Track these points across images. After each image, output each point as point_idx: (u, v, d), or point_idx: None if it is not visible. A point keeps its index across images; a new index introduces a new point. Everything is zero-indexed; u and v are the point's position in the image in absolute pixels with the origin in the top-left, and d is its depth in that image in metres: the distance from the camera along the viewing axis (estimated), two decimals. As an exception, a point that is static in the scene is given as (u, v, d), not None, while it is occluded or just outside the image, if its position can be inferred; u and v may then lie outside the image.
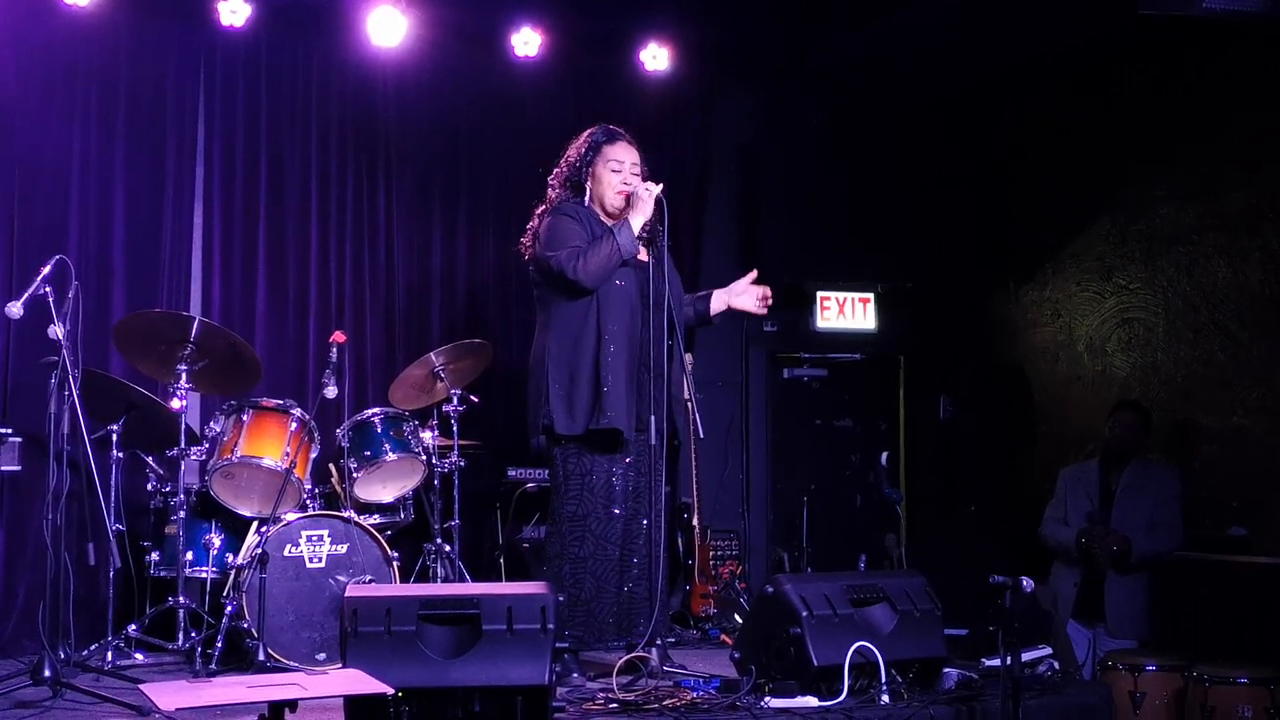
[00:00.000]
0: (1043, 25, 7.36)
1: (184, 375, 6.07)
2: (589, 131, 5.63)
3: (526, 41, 7.69)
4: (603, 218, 5.49)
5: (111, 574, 5.89)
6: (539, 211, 5.59)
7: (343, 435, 6.53)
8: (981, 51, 7.86)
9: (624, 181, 5.48)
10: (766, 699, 4.67)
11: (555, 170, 5.66)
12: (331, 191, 7.60)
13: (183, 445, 6.13)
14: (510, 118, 7.94)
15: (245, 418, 6.22)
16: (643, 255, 5.42)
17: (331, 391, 6.04)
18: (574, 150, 5.61)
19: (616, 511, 5.38)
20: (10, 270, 6.75)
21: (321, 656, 5.79)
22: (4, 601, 6.57)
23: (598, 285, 5.32)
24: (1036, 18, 7.25)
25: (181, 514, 6.11)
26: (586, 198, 5.52)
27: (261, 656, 5.58)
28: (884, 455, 8.35)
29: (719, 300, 5.78)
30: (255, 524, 6.22)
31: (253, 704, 3.80)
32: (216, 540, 6.27)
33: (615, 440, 5.32)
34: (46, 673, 4.92)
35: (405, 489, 6.66)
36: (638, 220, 5.35)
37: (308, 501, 6.27)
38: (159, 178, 7.19)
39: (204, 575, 6.23)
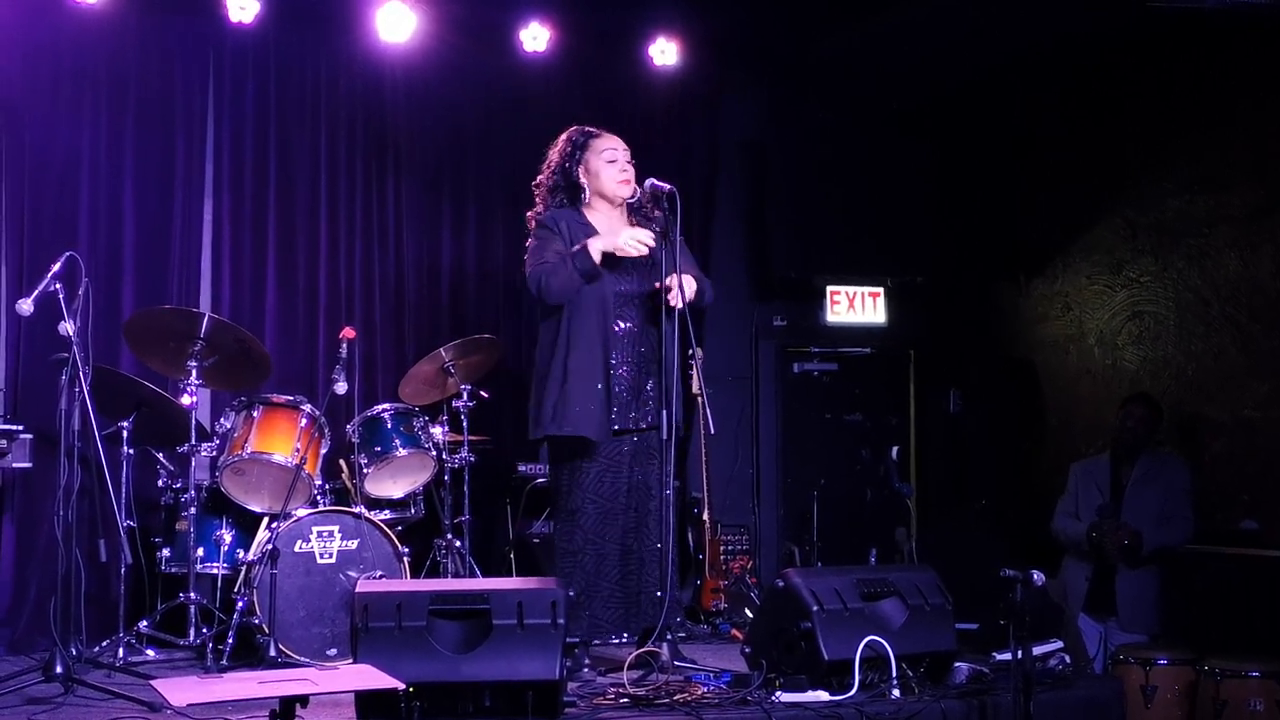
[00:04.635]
0: (1050, 18, 7.35)
1: (194, 371, 6.09)
2: (568, 132, 5.61)
3: (535, 37, 7.67)
4: (596, 212, 5.51)
5: (123, 570, 5.91)
6: (533, 227, 5.60)
7: (353, 431, 6.54)
8: (989, 45, 7.86)
9: (622, 170, 5.48)
10: (777, 693, 4.68)
11: (538, 179, 5.64)
12: (340, 187, 7.60)
13: (193, 441, 6.14)
14: (519, 113, 7.92)
15: (255, 414, 6.23)
16: (643, 252, 5.41)
17: (341, 387, 6.05)
18: (556, 153, 5.59)
19: (608, 506, 5.39)
20: (21, 267, 6.77)
21: (332, 652, 5.80)
22: (16, 598, 6.59)
23: (563, 302, 5.35)
24: (1044, 11, 7.24)
25: (192, 510, 6.13)
26: (585, 196, 5.52)
27: (273, 652, 5.59)
28: (894, 449, 8.35)
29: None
30: (266, 520, 6.23)
31: (264, 699, 3.81)
32: (227, 536, 6.28)
33: (588, 442, 5.33)
34: (58, 669, 4.94)
35: (415, 484, 6.67)
36: (597, 245, 5.29)
37: (318, 497, 6.28)
38: (168, 175, 7.19)
39: (215, 571, 6.24)
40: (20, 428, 5.95)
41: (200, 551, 6.19)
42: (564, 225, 5.43)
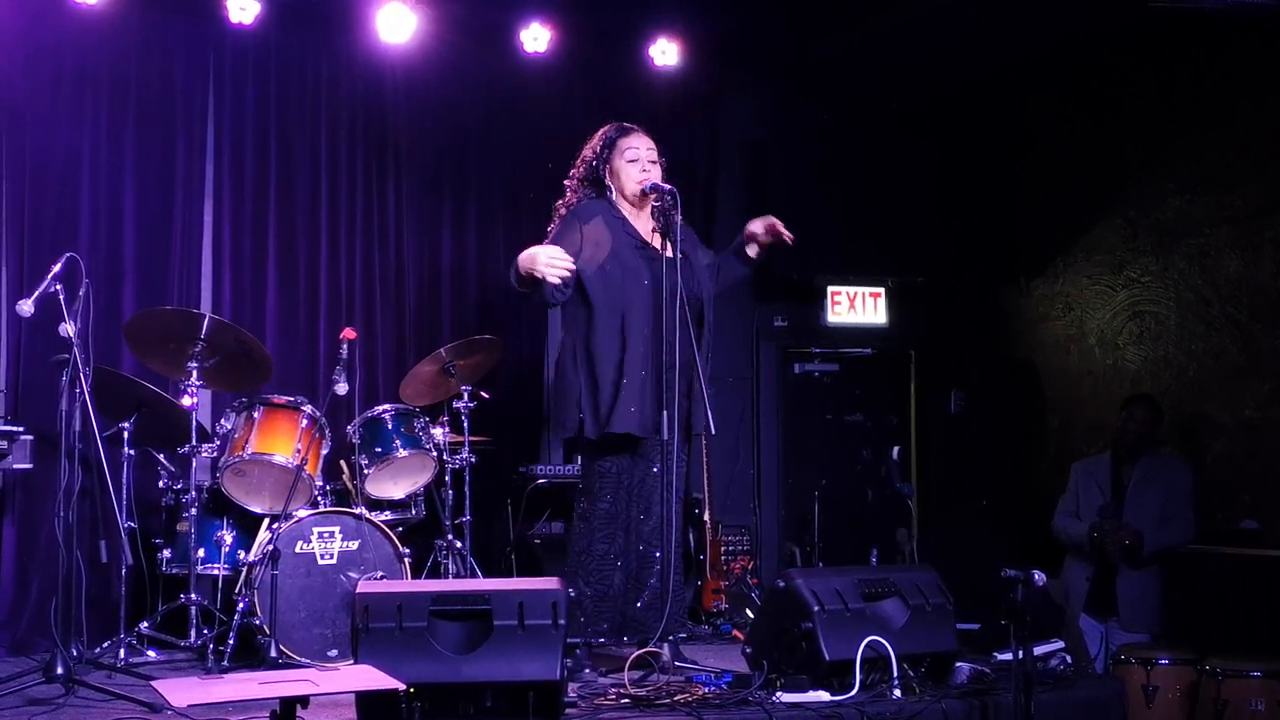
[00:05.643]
0: (1050, 18, 7.35)
1: (195, 372, 6.09)
2: (603, 129, 5.63)
3: (536, 37, 7.67)
4: (625, 210, 5.51)
5: (123, 571, 5.92)
6: (561, 215, 5.59)
7: (354, 432, 6.54)
8: (989, 45, 7.86)
9: (642, 170, 5.48)
10: (778, 694, 4.67)
11: (572, 170, 5.66)
12: (341, 188, 7.60)
13: (194, 442, 6.14)
14: (520, 114, 7.93)
15: (256, 415, 6.23)
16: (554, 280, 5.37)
17: (342, 388, 6.04)
18: (589, 149, 5.61)
19: (643, 507, 5.40)
20: (21, 268, 6.77)
21: (333, 653, 5.80)
22: (16, 599, 6.58)
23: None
24: (1044, 11, 7.24)
25: (193, 511, 6.13)
26: (611, 194, 5.53)
27: (273, 653, 5.59)
28: (895, 450, 8.35)
29: (747, 244, 5.72)
30: (267, 521, 6.22)
31: (265, 700, 3.81)
32: (228, 537, 6.28)
33: (636, 441, 5.33)
34: (59, 670, 4.93)
35: (416, 485, 6.67)
36: (525, 259, 5.24)
37: (319, 498, 6.28)
38: (169, 175, 7.19)
39: (216, 572, 6.23)
40: (21, 429, 5.94)
41: (201, 552, 6.19)
42: (596, 220, 5.42)
